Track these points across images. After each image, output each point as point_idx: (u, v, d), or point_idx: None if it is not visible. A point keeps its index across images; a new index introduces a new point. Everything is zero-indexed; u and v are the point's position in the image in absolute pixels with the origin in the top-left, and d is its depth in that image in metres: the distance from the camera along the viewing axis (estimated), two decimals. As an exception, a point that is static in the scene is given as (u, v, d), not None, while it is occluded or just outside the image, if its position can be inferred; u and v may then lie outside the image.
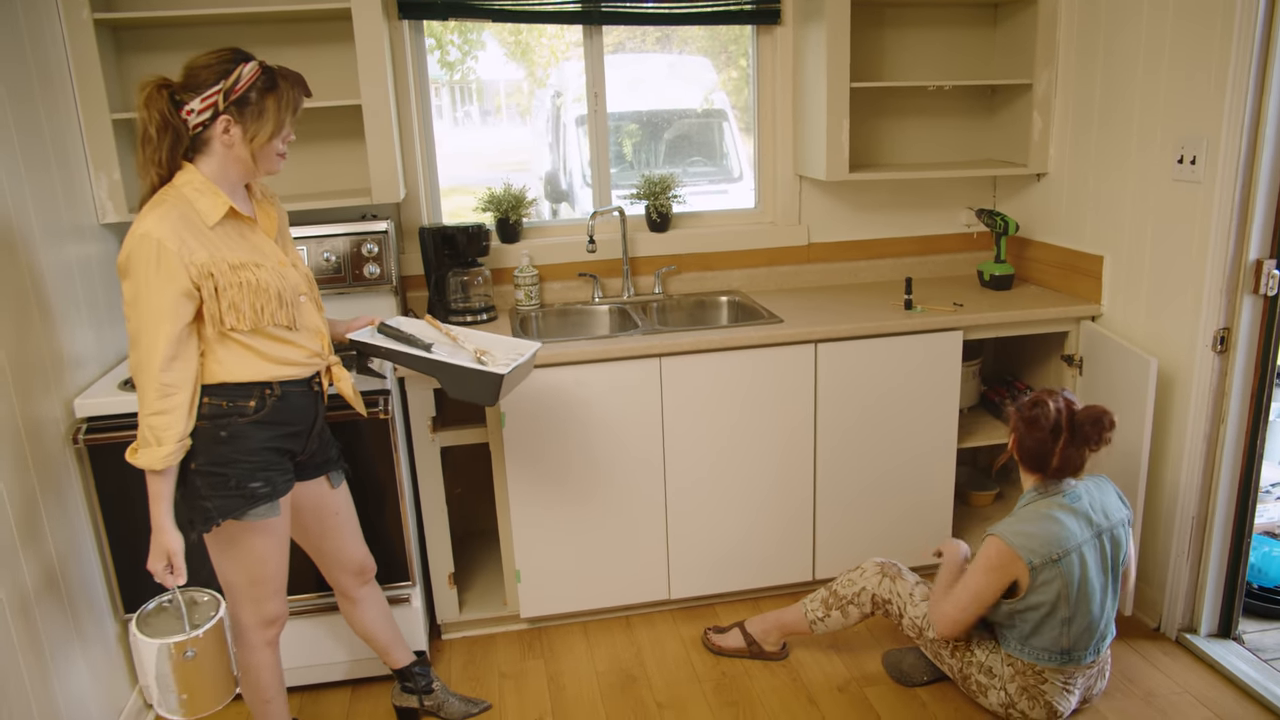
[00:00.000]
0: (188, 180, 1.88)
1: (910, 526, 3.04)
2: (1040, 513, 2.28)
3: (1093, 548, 2.27)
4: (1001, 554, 2.25)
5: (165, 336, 1.82)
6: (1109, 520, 2.31)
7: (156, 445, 1.84)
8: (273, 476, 2.00)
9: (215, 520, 1.95)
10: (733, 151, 5.33)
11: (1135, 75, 2.72)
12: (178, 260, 1.81)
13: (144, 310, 1.81)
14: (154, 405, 1.83)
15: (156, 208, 1.84)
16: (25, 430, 2.17)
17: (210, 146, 1.89)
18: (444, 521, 2.81)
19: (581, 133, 5.36)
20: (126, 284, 1.83)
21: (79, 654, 2.33)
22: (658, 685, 2.67)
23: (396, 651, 2.49)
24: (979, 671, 2.41)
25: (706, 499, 2.89)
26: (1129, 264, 2.83)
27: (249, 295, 1.88)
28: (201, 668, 1.90)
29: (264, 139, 1.90)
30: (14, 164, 2.22)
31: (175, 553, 1.91)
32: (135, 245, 1.81)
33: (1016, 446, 2.31)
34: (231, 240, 1.92)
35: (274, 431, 1.99)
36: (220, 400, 1.92)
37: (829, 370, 2.85)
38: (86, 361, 2.54)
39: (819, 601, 2.63)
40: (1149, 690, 2.55)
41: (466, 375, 2.15)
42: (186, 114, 1.86)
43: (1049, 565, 2.22)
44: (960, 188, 3.45)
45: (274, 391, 1.98)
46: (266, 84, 1.89)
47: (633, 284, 3.27)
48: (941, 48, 3.31)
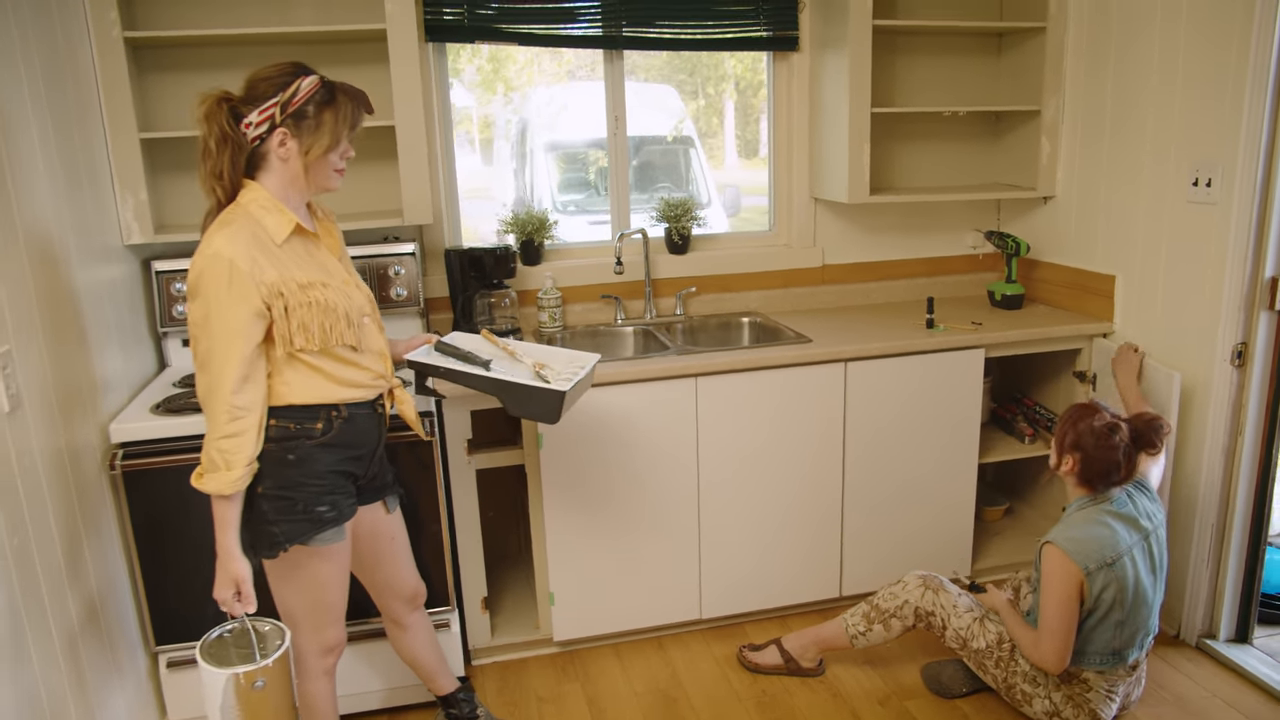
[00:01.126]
0: (253, 198, 1.86)
1: (932, 542, 3.09)
2: (1091, 519, 2.34)
3: (1141, 550, 2.34)
4: (1062, 562, 2.30)
5: (237, 358, 1.78)
6: (1153, 523, 2.38)
7: (226, 469, 1.80)
8: (338, 500, 1.96)
9: (282, 546, 1.91)
10: (700, 178, 5.40)
11: (1146, 101, 2.84)
12: (250, 280, 1.78)
13: (215, 331, 1.78)
14: (225, 428, 1.79)
15: (226, 227, 1.81)
16: (68, 456, 2.10)
17: (269, 161, 1.87)
18: (478, 545, 2.78)
19: (550, 159, 5.40)
20: (195, 304, 1.79)
21: (117, 689, 2.25)
22: (699, 705, 2.67)
23: (442, 678, 2.45)
24: (1024, 681, 2.46)
25: (738, 518, 2.91)
26: (1141, 283, 2.94)
27: (318, 315, 1.85)
28: (268, 699, 1.85)
29: (319, 153, 1.87)
30: (55, 184, 2.17)
31: (244, 579, 1.86)
32: (206, 265, 1.77)
33: (1083, 468, 2.36)
34: (299, 258, 1.90)
35: (340, 454, 1.96)
36: (288, 422, 1.89)
37: (857, 388, 2.90)
38: (116, 385, 2.47)
39: (860, 616, 2.65)
40: (1179, 695, 2.62)
41: (529, 393, 2.14)
42: (245, 126, 1.83)
43: (1104, 569, 2.28)
44: (966, 211, 3.55)
45: (340, 414, 1.95)
46: (325, 98, 1.87)
47: (654, 305, 3.29)
48: (948, 74, 3.41)
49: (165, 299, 2.76)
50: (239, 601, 1.88)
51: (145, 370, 2.72)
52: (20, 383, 1.89)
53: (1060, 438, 2.42)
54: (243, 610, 1.88)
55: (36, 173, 2.07)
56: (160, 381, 2.69)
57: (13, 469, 1.81)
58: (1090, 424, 2.36)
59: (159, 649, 2.46)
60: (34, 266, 2.00)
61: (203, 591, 2.43)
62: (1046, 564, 2.33)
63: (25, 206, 1.99)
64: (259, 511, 1.89)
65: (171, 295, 2.77)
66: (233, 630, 1.92)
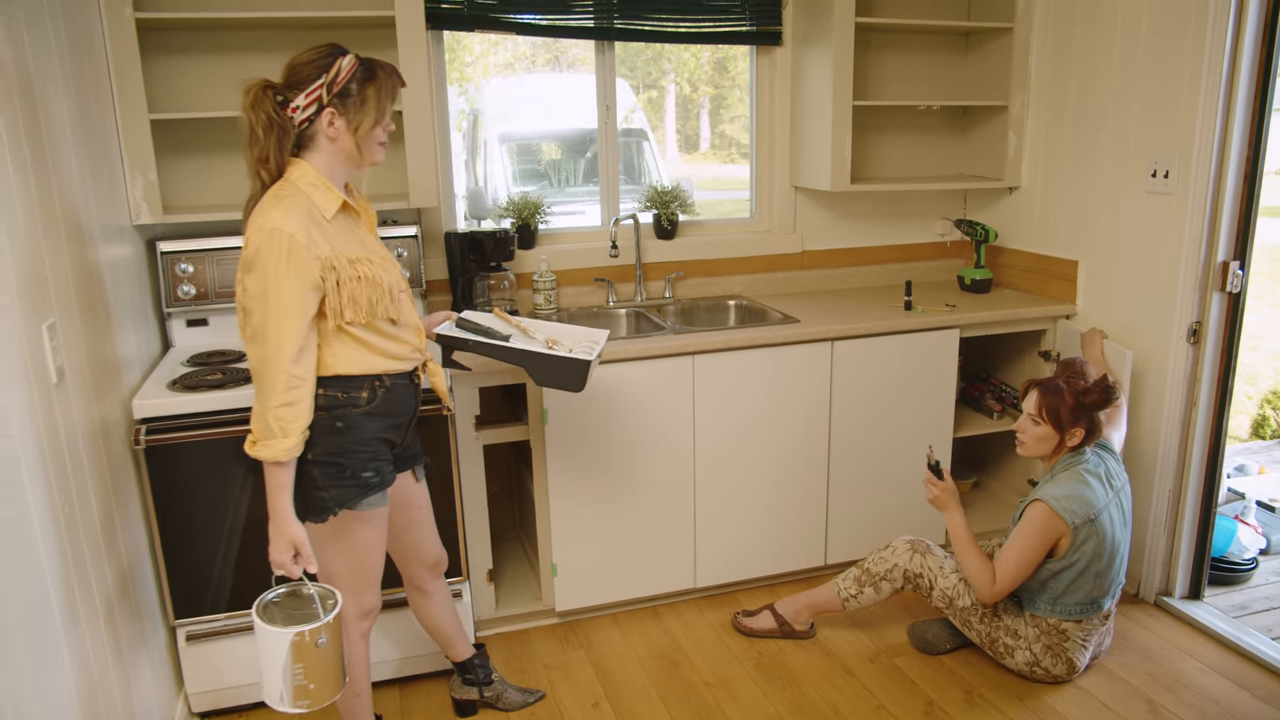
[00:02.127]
0: (302, 175, 1.93)
1: (910, 512, 3.27)
2: (1075, 478, 2.54)
3: (1116, 506, 2.56)
4: (1048, 518, 2.50)
5: (295, 329, 1.85)
6: (1119, 481, 2.60)
7: (282, 437, 1.86)
8: (381, 467, 2.05)
9: (332, 510, 1.98)
10: (653, 169, 5.54)
11: (1108, 97, 3.05)
12: (308, 254, 1.85)
13: (273, 304, 1.84)
14: (283, 397, 1.86)
15: (280, 202, 1.88)
16: (100, 431, 2.13)
17: (316, 141, 1.94)
18: (485, 519, 2.87)
19: (504, 150, 5.48)
20: (253, 277, 1.85)
21: (144, 660, 2.29)
22: (701, 667, 2.80)
23: (459, 644, 2.54)
24: (1006, 634, 2.65)
25: (731, 490, 3.05)
26: (1102, 267, 3.16)
27: (366, 289, 1.93)
28: (326, 657, 1.91)
29: (368, 128, 1.96)
30: (80, 162, 2.19)
31: (302, 541, 1.92)
32: (265, 240, 1.83)
33: (1089, 433, 2.55)
34: (345, 235, 1.98)
35: (383, 423, 2.04)
36: (335, 391, 1.96)
37: (843, 366, 3.06)
38: (132, 363, 2.50)
39: (851, 580, 2.81)
40: (1143, 647, 2.84)
41: (555, 363, 2.25)
42: (292, 111, 1.91)
43: (1086, 524, 2.49)
44: (935, 200, 3.74)
45: (383, 383, 2.03)
46: (365, 74, 1.96)
47: (644, 288, 3.41)
48: (918, 70, 3.59)
49: (171, 280, 2.79)
50: (297, 563, 1.93)
51: (152, 350, 2.74)
52: (64, 356, 1.92)
53: (1054, 413, 2.55)
54: (301, 571, 1.94)
55: (68, 150, 2.09)
56: (169, 360, 2.72)
57: (60, 440, 1.85)
58: (1092, 385, 2.53)
59: (177, 623, 2.50)
60: (68, 243, 2.03)
61: (221, 566, 2.49)
62: (1032, 515, 2.53)
63: (61, 183, 2.02)
64: (309, 477, 1.96)
65: (176, 275, 2.79)
66: (278, 597, 1.97)
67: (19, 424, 1.63)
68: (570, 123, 5.11)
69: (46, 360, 1.80)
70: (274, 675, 1.89)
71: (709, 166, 5.91)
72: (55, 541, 1.75)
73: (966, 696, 2.63)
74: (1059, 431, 2.58)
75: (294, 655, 1.87)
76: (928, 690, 2.66)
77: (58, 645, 1.70)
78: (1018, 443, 2.67)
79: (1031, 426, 2.62)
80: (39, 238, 1.83)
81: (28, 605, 1.59)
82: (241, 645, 2.56)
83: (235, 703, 2.62)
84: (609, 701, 2.65)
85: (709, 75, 5.55)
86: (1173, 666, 2.74)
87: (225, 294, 2.84)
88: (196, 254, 2.81)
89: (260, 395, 1.87)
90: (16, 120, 1.77)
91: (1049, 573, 2.55)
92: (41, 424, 1.74)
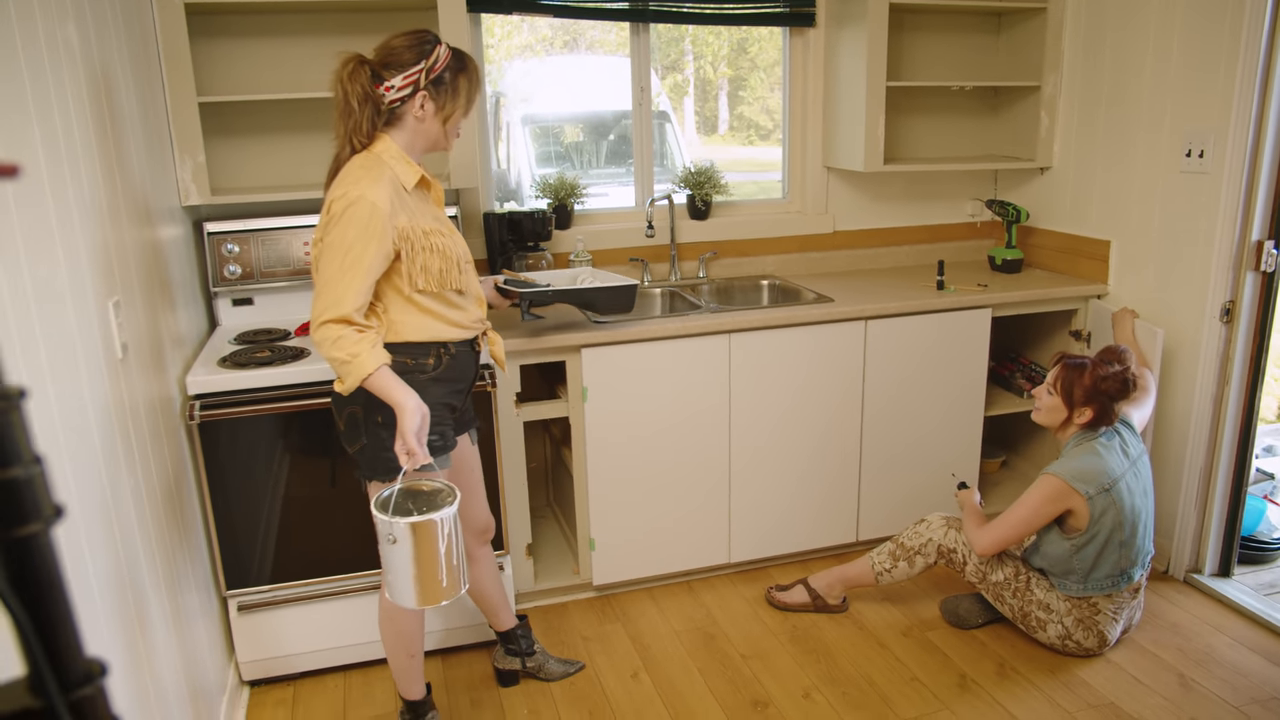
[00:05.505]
0: (386, 148, 2.02)
1: (940, 489, 3.31)
2: (1087, 451, 2.59)
3: (1133, 475, 2.60)
4: (1058, 489, 2.55)
5: (360, 286, 1.93)
6: (1136, 450, 2.64)
7: (353, 359, 1.91)
8: (446, 431, 2.12)
9: (399, 471, 2.04)
10: (676, 152, 5.55)
11: (1142, 77, 3.06)
12: (388, 222, 1.94)
13: (350, 261, 1.92)
14: (343, 335, 1.92)
15: (369, 172, 1.96)
16: (160, 405, 2.20)
17: (404, 121, 2.03)
18: (524, 494, 2.93)
19: (527, 132, 5.51)
20: (334, 234, 1.92)
21: (201, 630, 2.36)
22: (736, 640, 2.86)
23: (504, 613, 2.60)
24: (1038, 609, 2.69)
25: (765, 466, 3.10)
26: (1135, 247, 3.17)
27: (437, 259, 2.02)
28: (451, 549, 1.92)
29: (457, 116, 2.07)
30: (138, 144, 2.25)
31: (426, 412, 1.96)
32: (352, 204, 1.92)
33: (1099, 415, 2.59)
34: (421, 207, 2.07)
35: (447, 388, 2.12)
36: (405, 357, 2.04)
37: (876, 345, 3.09)
38: (181, 342, 2.56)
39: (886, 554, 2.86)
40: (1173, 623, 2.88)
41: (617, 293, 2.70)
42: (386, 89, 1.99)
43: (1103, 494, 2.53)
44: (966, 180, 3.76)
45: (449, 350, 2.12)
46: (458, 65, 2.05)
47: (679, 268, 3.45)
48: (950, 50, 3.60)
49: (217, 260, 2.85)
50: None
51: (199, 329, 2.81)
52: (127, 332, 1.98)
53: (1067, 390, 2.63)
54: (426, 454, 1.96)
55: (128, 131, 2.15)
56: (217, 339, 2.78)
57: (125, 413, 1.91)
58: (1107, 372, 2.58)
59: (229, 593, 2.57)
60: (130, 222, 2.09)
61: (270, 539, 2.56)
62: (1041, 484, 2.59)
63: (125, 166, 2.08)
64: (378, 439, 2.03)
65: (223, 256, 2.85)
66: (392, 495, 1.95)
67: (91, 396, 1.70)
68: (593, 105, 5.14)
69: (114, 336, 1.87)
70: (414, 569, 1.88)
71: (728, 148, 5.92)
72: (123, 511, 1.81)
73: (999, 669, 2.68)
74: (1068, 407, 2.63)
75: (442, 539, 1.87)
76: (960, 663, 2.71)
77: (125, 608, 1.77)
78: (1033, 408, 2.74)
79: (1045, 395, 2.70)
80: (106, 219, 1.89)
81: (105, 569, 1.66)
82: (290, 616, 2.64)
83: (283, 671, 2.69)
84: (647, 672, 2.71)
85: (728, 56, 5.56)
86: (1202, 641, 2.78)
87: (270, 274, 2.91)
88: (242, 234, 2.87)
89: (321, 344, 1.93)
90: (85, 105, 1.82)
91: (1071, 549, 2.59)
92: (109, 398, 1.81)
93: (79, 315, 1.67)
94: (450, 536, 1.91)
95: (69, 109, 1.72)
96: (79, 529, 1.54)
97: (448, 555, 1.91)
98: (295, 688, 2.70)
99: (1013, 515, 2.62)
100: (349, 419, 2.08)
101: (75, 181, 1.72)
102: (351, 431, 2.09)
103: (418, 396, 1.97)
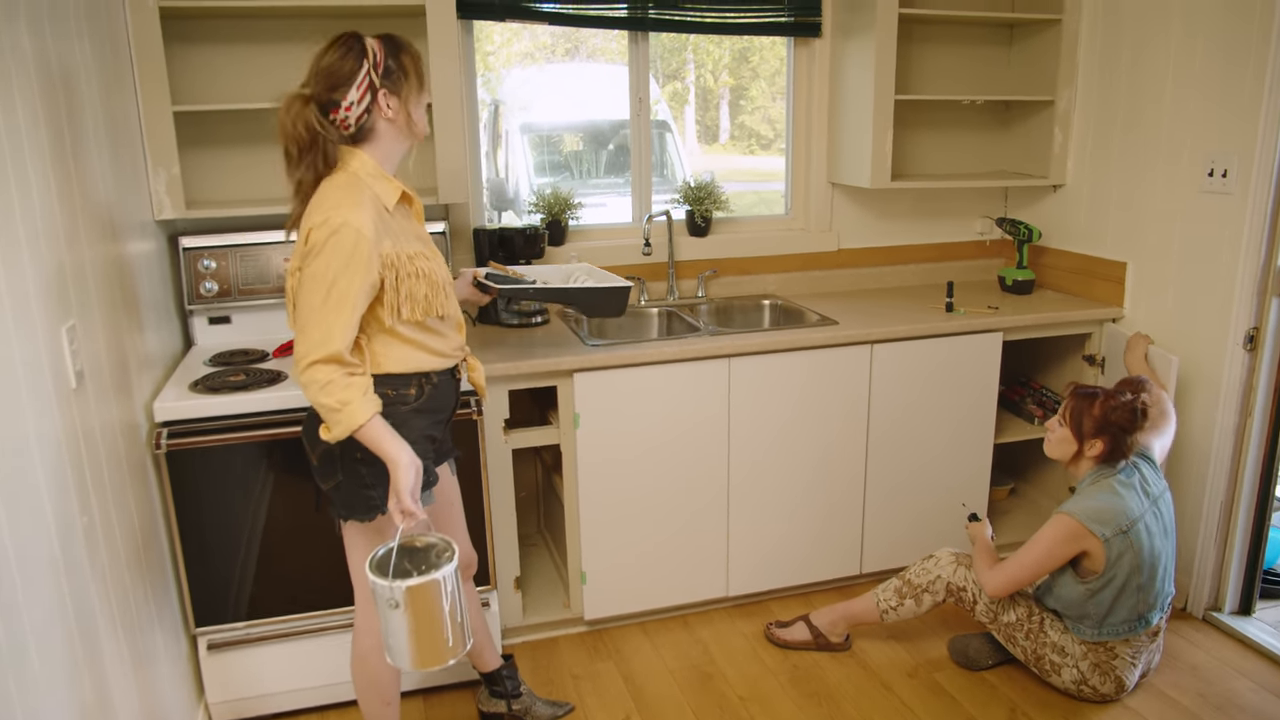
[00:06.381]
0: (362, 165, 1.89)
1: (948, 519, 3.17)
2: (1104, 489, 2.45)
3: (1153, 515, 2.46)
4: (1072, 530, 2.41)
5: (346, 324, 1.79)
6: (1158, 488, 2.50)
7: (343, 408, 1.78)
8: (428, 465, 1.99)
9: (380, 508, 1.92)
10: (676, 162, 5.43)
11: (1162, 92, 2.93)
12: (373, 249, 1.80)
13: (334, 297, 1.77)
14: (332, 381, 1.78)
15: (349, 193, 1.82)
16: (121, 434, 2.06)
17: (376, 131, 1.90)
18: (513, 525, 2.79)
19: (525, 141, 5.39)
20: (315, 267, 1.78)
21: (164, 670, 2.22)
22: (734, 680, 2.72)
23: (488, 653, 2.46)
24: (1052, 651, 2.55)
25: (765, 497, 2.96)
26: (1153, 269, 3.04)
27: (423, 285, 1.89)
28: (454, 607, 1.81)
29: (415, 96, 1.93)
30: (103, 154, 2.12)
31: (420, 469, 1.83)
32: (334, 232, 1.77)
33: (1111, 449, 2.45)
34: (404, 226, 1.94)
35: (429, 419, 2.00)
36: (386, 389, 1.91)
37: (882, 370, 2.96)
38: (154, 362, 2.43)
39: (892, 591, 2.72)
40: (1193, 664, 2.74)
41: (599, 294, 2.56)
42: (347, 110, 1.84)
43: (1120, 536, 2.39)
44: (975, 198, 3.63)
45: (430, 380, 1.99)
46: (393, 47, 1.92)
47: (677, 287, 3.31)
48: (960, 62, 3.48)
49: (193, 276, 2.72)
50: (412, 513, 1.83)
51: (173, 348, 2.67)
52: (83, 358, 1.85)
53: (1076, 421, 2.50)
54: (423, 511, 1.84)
55: (90, 141, 2.02)
56: (191, 359, 2.65)
57: (79, 447, 1.77)
58: (1118, 402, 2.45)
59: (198, 631, 2.43)
60: (89, 239, 1.95)
61: (243, 574, 2.42)
62: (1054, 524, 2.45)
63: (85, 179, 1.94)
64: (356, 476, 1.89)
65: (199, 272, 2.72)
66: (385, 551, 1.84)
67: (37, 430, 1.56)
68: (593, 114, 5.00)
69: (66, 364, 1.73)
70: (405, 634, 1.77)
71: (729, 158, 5.80)
72: (72, 552, 1.67)
73: (1010, 715, 2.53)
74: (1077, 439, 2.51)
75: (445, 599, 1.76)
76: (969, 707, 2.57)
77: (73, 656, 1.63)
78: (1045, 439, 2.62)
79: (1057, 426, 2.57)
80: (59, 237, 1.76)
81: (44, 616, 1.52)
82: (264, 654, 2.50)
83: (257, 712, 2.55)
84: (640, 716, 2.57)
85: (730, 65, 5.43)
86: (1224, 685, 2.64)
87: (248, 291, 2.77)
88: (219, 250, 2.74)
89: (308, 386, 1.80)
90: (36, 114, 1.69)
91: (1086, 593, 2.45)
92: (60, 430, 1.67)
93: (23, 344, 1.54)
94: (453, 593, 1.79)
95: (17, 118, 1.59)
96: (12, 575, 1.40)
97: (452, 613, 1.79)
98: (269, 729, 2.56)
99: (1025, 556, 2.48)
100: (324, 455, 1.94)
101: (23, 196, 1.59)
102: (326, 467, 1.95)
103: (411, 450, 1.83)
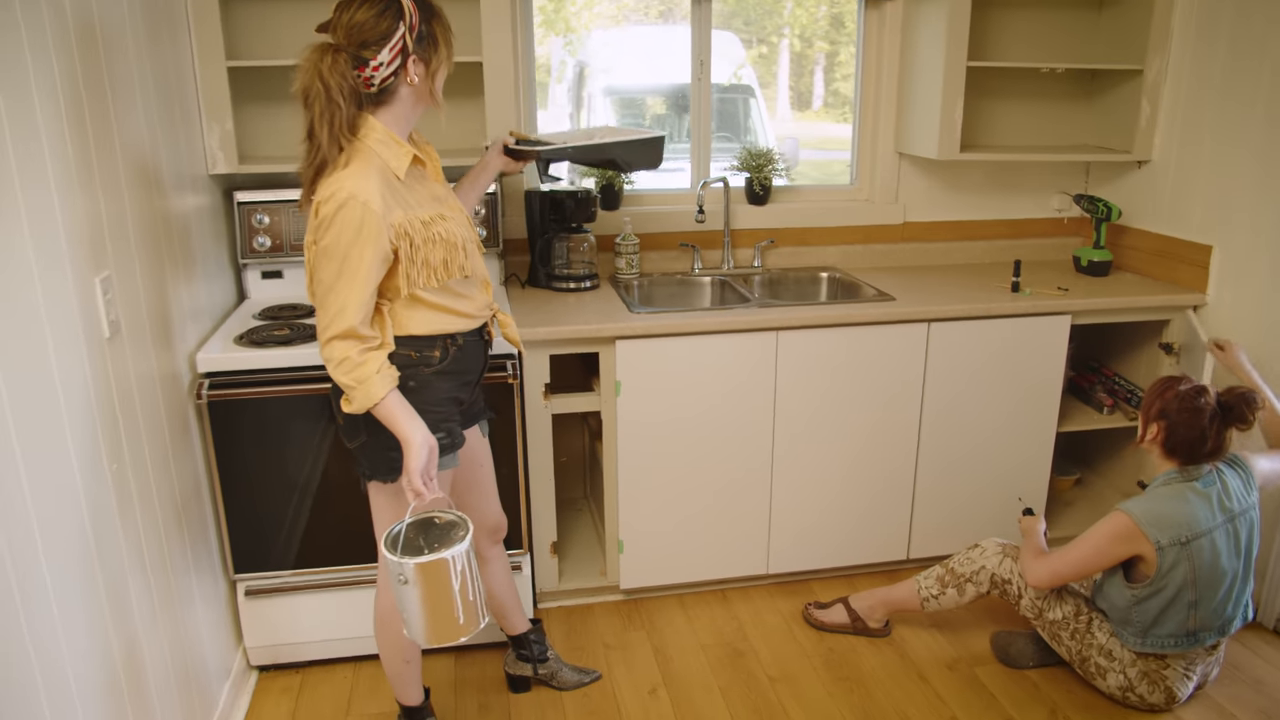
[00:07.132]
0: (370, 131, 1.83)
1: (1002, 508, 3.05)
2: (1174, 494, 2.30)
3: (1226, 532, 2.29)
4: (1128, 529, 2.28)
5: (360, 298, 1.77)
6: (1242, 505, 2.33)
7: (360, 385, 1.78)
8: (453, 428, 1.98)
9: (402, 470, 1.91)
10: (759, 128, 5.28)
11: (1264, 63, 2.71)
12: (382, 222, 1.77)
13: (346, 272, 1.76)
14: (349, 357, 1.78)
15: (356, 164, 1.78)
16: (159, 384, 2.10)
17: (395, 96, 1.85)
18: (551, 490, 2.78)
19: (608, 103, 5.31)
20: (325, 242, 1.77)
21: (201, 613, 2.28)
22: (766, 659, 2.67)
23: (515, 617, 2.47)
24: (1099, 654, 2.43)
25: (810, 475, 2.88)
26: (1242, 255, 2.83)
27: (440, 250, 1.85)
28: (472, 581, 1.82)
29: (444, 69, 1.89)
30: (149, 107, 2.14)
31: (435, 446, 1.83)
32: (340, 207, 1.74)
33: (1167, 435, 2.30)
34: (417, 191, 1.89)
35: (455, 381, 1.98)
36: (409, 351, 1.90)
37: (938, 350, 2.84)
38: (200, 315, 2.47)
39: (934, 579, 2.63)
40: (1257, 678, 2.58)
41: (636, 146, 2.39)
42: (374, 69, 1.79)
43: (1176, 547, 2.24)
44: (1052, 172, 3.45)
45: (455, 342, 1.96)
46: (428, 11, 1.85)
47: (732, 256, 3.23)
48: (1043, 28, 3.28)
49: (247, 230, 2.75)
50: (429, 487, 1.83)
51: (226, 301, 2.72)
52: (119, 309, 1.88)
53: (1147, 407, 2.37)
54: (435, 488, 1.84)
55: (133, 94, 2.04)
56: (241, 313, 2.69)
57: (112, 396, 1.81)
58: (1176, 390, 2.30)
59: (237, 577, 2.50)
60: (130, 191, 1.98)
61: (285, 524, 2.47)
62: (1110, 520, 2.32)
63: (124, 128, 1.97)
64: (380, 438, 1.88)
65: (252, 226, 2.76)
66: (399, 533, 1.83)
67: (63, 378, 1.60)
68: (677, 77, 4.89)
69: (99, 313, 1.76)
70: (417, 610, 1.77)
71: (821, 125, 5.63)
72: (100, 496, 1.72)
73: (1050, 718, 2.43)
74: (1143, 421, 2.37)
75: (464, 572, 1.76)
76: (1008, 706, 2.48)
77: (96, 596, 1.68)
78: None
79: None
80: (96, 188, 1.78)
81: (69, 558, 1.56)
82: (301, 603, 2.55)
83: (293, 659, 2.61)
84: (666, 689, 2.55)
85: (825, 31, 5.26)
86: (1289, 701, 2.49)
87: (300, 246, 2.80)
88: (273, 205, 2.77)
89: (328, 362, 1.80)
90: (74, 63, 1.71)
91: (1132, 599, 2.32)
92: (90, 378, 1.71)
93: (49, 292, 1.57)
94: (464, 573, 1.77)
95: (51, 67, 1.61)
96: (28, 511, 1.44)
97: (463, 592, 1.78)
98: (303, 676, 2.62)
99: (1074, 550, 2.36)
100: (349, 415, 1.94)
101: (55, 147, 1.61)
102: (351, 428, 1.96)
103: (425, 429, 1.82)
